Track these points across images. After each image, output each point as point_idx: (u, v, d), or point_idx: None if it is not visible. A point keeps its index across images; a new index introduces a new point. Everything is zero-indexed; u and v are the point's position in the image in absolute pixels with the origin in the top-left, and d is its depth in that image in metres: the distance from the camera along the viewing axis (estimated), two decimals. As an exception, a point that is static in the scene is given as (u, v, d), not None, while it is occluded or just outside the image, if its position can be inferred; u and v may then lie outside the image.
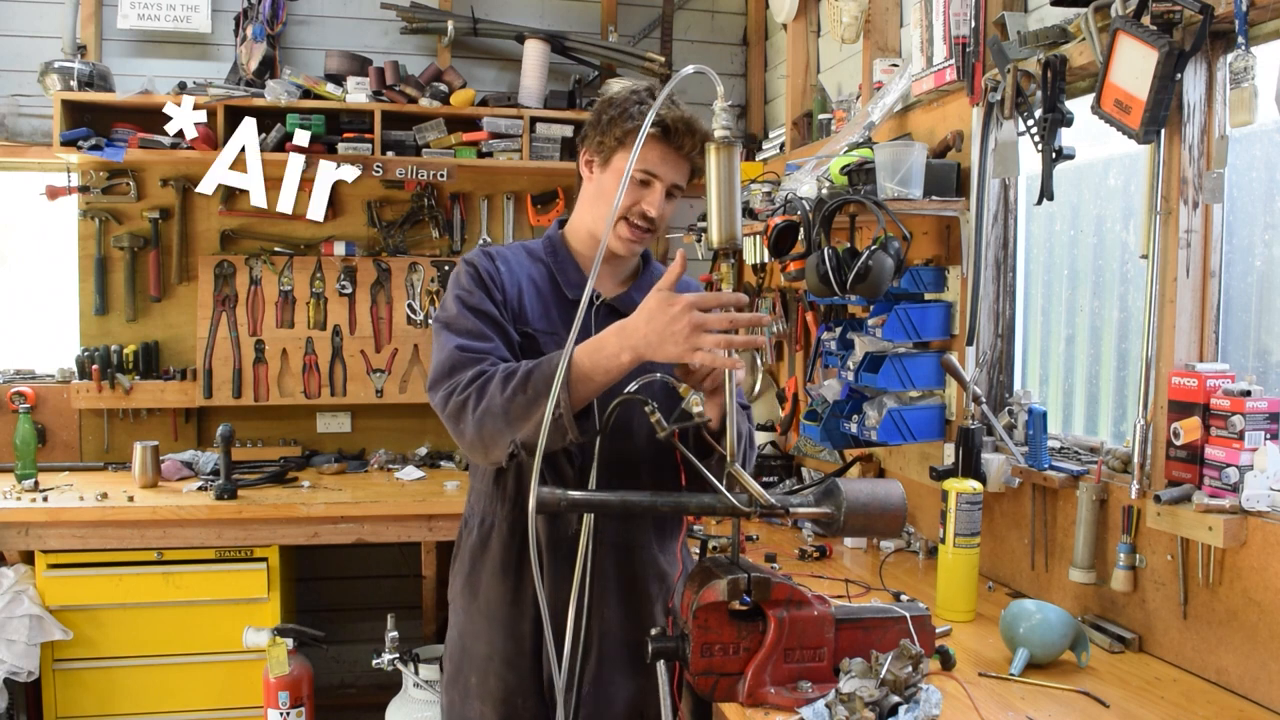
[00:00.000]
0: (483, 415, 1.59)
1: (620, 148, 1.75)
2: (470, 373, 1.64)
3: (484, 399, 1.59)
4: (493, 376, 1.61)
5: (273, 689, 3.03)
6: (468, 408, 1.61)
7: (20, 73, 3.56)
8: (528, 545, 1.76)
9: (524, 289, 1.80)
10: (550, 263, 1.85)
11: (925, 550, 2.59)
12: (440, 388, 1.67)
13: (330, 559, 3.85)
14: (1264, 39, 1.73)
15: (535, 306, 1.80)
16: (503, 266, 1.81)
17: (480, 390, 1.61)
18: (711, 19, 4.22)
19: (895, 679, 1.51)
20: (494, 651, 1.81)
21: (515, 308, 1.78)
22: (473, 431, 1.61)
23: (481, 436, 1.61)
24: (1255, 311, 1.84)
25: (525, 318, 1.78)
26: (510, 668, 1.80)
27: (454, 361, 1.66)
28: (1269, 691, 1.63)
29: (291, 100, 3.49)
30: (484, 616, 1.83)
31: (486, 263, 1.80)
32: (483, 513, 1.85)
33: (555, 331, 1.78)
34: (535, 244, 1.89)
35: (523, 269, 1.83)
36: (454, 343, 1.69)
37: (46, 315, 3.76)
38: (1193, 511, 1.69)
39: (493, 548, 1.82)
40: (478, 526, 1.85)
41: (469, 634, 1.86)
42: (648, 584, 1.84)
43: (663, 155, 1.72)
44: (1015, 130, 2.14)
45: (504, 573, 1.81)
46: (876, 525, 1.56)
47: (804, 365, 3.18)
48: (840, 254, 2.29)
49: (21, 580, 3.00)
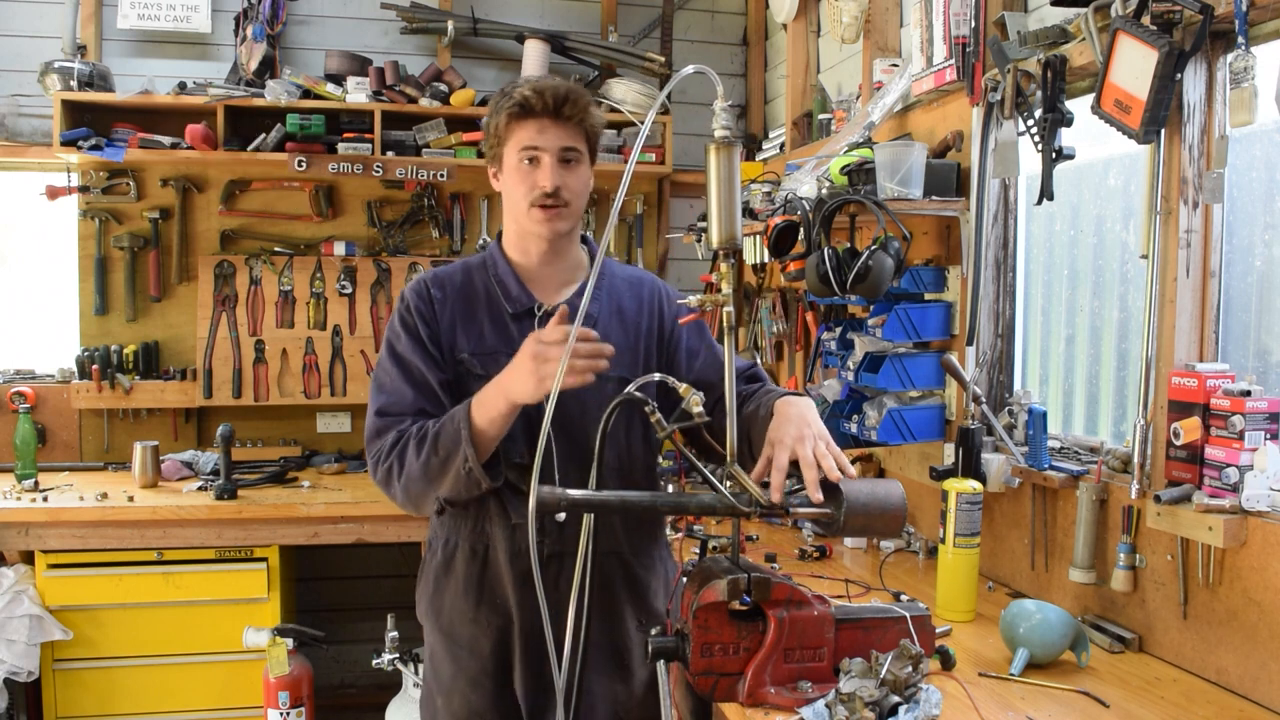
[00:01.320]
0: (406, 481, 1.71)
1: (501, 144, 1.77)
2: (390, 438, 1.74)
3: (404, 467, 1.71)
4: (409, 443, 1.71)
5: (273, 689, 3.03)
6: (393, 475, 1.72)
7: (20, 73, 3.56)
8: (488, 567, 1.80)
9: (459, 314, 1.82)
10: (490, 277, 1.85)
11: (925, 550, 2.59)
12: (370, 452, 1.77)
13: (330, 559, 3.84)
14: (1264, 39, 1.73)
15: (472, 330, 1.81)
16: (438, 293, 1.83)
17: (400, 457, 1.71)
18: (711, 19, 4.22)
19: (895, 679, 1.51)
20: (459, 671, 1.82)
21: (450, 337, 1.81)
22: (402, 496, 1.75)
23: (410, 498, 1.75)
24: (1255, 311, 1.84)
25: (460, 345, 1.80)
26: (475, 687, 1.81)
27: (375, 427, 1.76)
28: (1269, 691, 1.63)
29: (291, 100, 3.49)
30: (448, 637, 1.84)
31: (419, 295, 1.83)
32: (446, 534, 1.86)
33: (494, 351, 1.79)
34: (476, 259, 1.91)
35: (462, 290, 1.84)
36: (375, 406, 1.78)
37: (46, 315, 3.76)
38: (1193, 511, 1.69)
39: (456, 569, 1.83)
40: (441, 548, 1.86)
41: (436, 655, 1.87)
42: (618, 589, 1.84)
43: (537, 128, 1.72)
44: (1015, 130, 2.14)
45: (466, 593, 1.82)
46: (876, 525, 1.56)
47: (804, 365, 3.18)
48: (840, 254, 2.29)
49: (21, 580, 3.00)
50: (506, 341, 1.78)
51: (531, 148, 1.73)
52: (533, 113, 1.72)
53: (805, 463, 1.54)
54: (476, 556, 1.82)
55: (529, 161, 1.74)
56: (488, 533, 1.81)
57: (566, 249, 1.86)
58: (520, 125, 1.73)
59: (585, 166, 1.79)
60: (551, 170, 1.73)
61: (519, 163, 1.74)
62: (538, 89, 1.72)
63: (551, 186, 1.73)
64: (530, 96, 1.71)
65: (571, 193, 1.76)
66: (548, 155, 1.73)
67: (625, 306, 1.87)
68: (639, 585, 1.87)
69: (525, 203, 1.75)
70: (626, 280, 1.92)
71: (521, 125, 1.73)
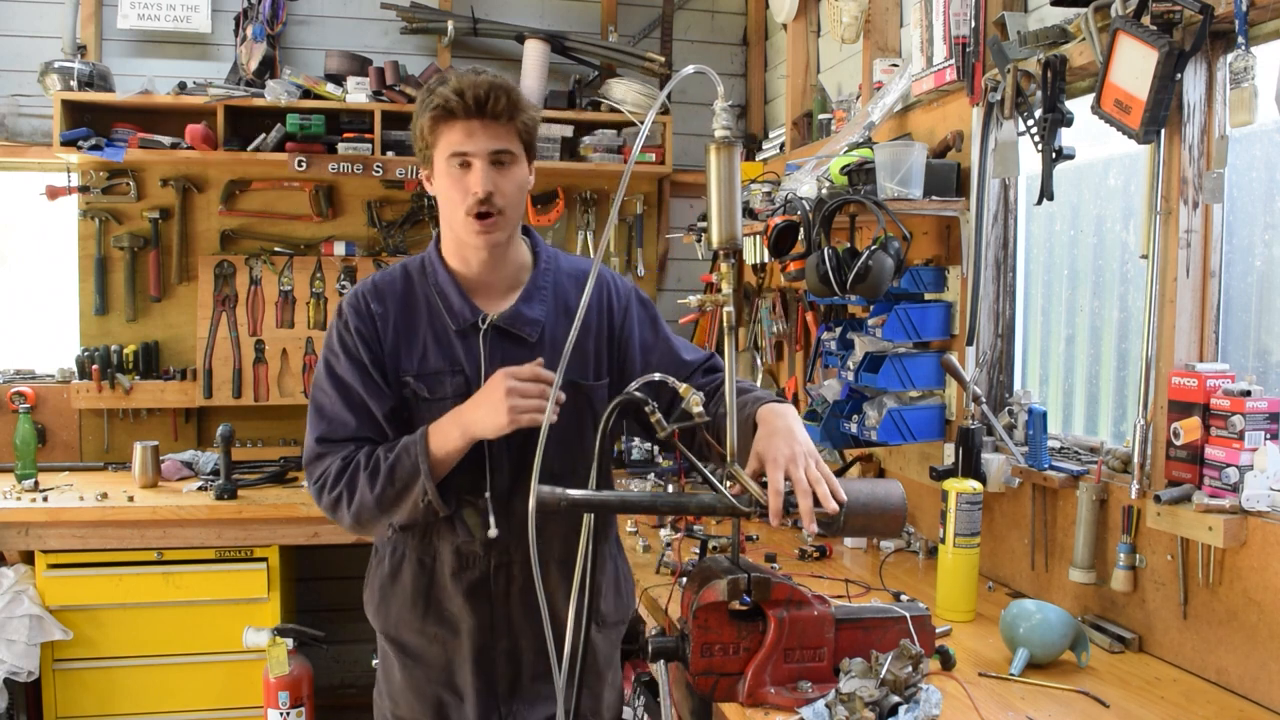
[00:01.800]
0: (358, 509, 1.69)
1: (430, 148, 1.67)
2: (335, 465, 1.70)
3: (355, 495, 1.68)
4: (359, 470, 1.68)
5: (273, 689, 3.03)
6: (342, 503, 1.70)
7: (20, 73, 3.56)
8: (435, 580, 1.78)
9: (402, 331, 1.74)
10: (430, 286, 1.76)
11: (925, 550, 2.59)
12: (312, 476, 1.74)
13: (330, 559, 3.84)
14: (1264, 39, 1.73)
15: (415, 348, 1.74)
16: (378, 308, 1.74)
17: (350, 485, 1.68)
18: (711, 19, 4.21)
19: (895, 679, 1.51)
20: (408, 678, 1.80)
21: (393, 358, 1.74)
22: (350, 522, 1.72)
23: (360, 524, 1.73)
24: (1255, 311, 1.84)
25: (403, 366, 1.74)
26: (420, 697, 1.79)
27: (316, 453, 1.73)
28: (1269, 691, 1.63)
29: (291, 100, 3.49)
30: (396, 645, 1.82)
31: (358, 312, 1.74)
32: (394, 544, 1.82)
33: (438, 371, 1.73)
34: (414, 263, 1.81)
35: (403, 301, 1.76)
36: (315, 433, 1.74)
37: (46, 315, 3.76)
38: (1193, 511, 1.69)
39: (403, 579, 1.80)
40: (389, 556, 1.83)
41: (386, 658, 1.85)
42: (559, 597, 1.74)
43: (465, 130, 1.62)
44: (1015, 130, 2.14)
45: (414, 604, 1.79)
46: (876, 525, 1.56)
47: (804, 365, 3.18)
48: (840, 254, 2.29)
49: (21, 580, 3.00)
50: (451, 361, 1.73)
51: (460, 153, 1.63)
52: (456, 114, 1.62)
53: (800, 490, 1.49)
54: (424, 569, 1.78)
55: (460, 166, 1.64)
56: (435, 546, 1.77)
57: (506, 254, 1.76)
58: (447, 128, 1.63)
59: (521, 167, 1.69)
60: (483, 174, 1.63)
61: (449, 168, 1.65)
62: (459, 88, 1.61)
63: (484, 191, 1.63)
64: (451, 97, 1.61)
65: (505, 198, 1.66)
66: (479, 160, 1.63)
67: (572, 305, 1.77)
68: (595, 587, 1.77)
69: (460, 211, 1.66)
70: (573, 276, 1.83)
71: (448, 128, 1.63)
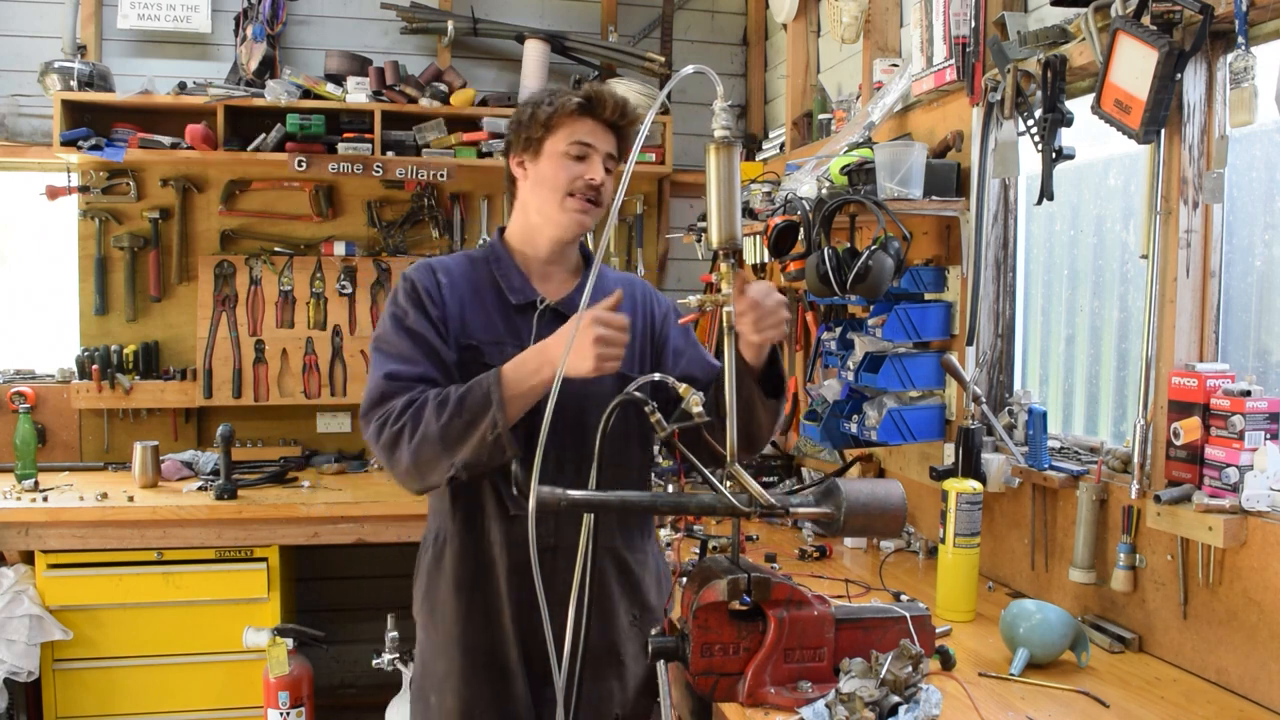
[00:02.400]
0: (419, 443, 1.64)
1: (549, 133, 1.78)
2: (401, 401, 1.68)
3: (419, 426, 1.64)
4: (425, 404, 1.65)
5: (273, 689, 3.03)
6: (403, 436, 1.65)
7: (20, 73, 3.56)
8: (481, 563, 1.79)
9: (466, 300, 1.81)
10: (493, 268, 1.85)
11: (925, 550, 2.59)
12: (373, 418, 1.70)
13: (330, 559, 3.84)
14: (1264, 39, 1.73)
15: (478, 317, 1.80)
16: (444, 279, 1.81)
17: (415, 418, 1.65)
18: (711, 19, 4.22)
19: (895, 679, 1.51)
20: (451, 669, 1.81)
21: (458, 321, 1.79)
22: (409, 460, 1.65)
23: (418, 464, 1.65)
24: (1255, 311, 1.84)
25: (468, 330, 1.79)
26: (467, 685, 1.80)
27: (383, 390, 1.70)
28: (1269, 691, 1.63)
29: (291, 100, 3.49)
30: (441, 633, 1.83)
31: (426, 278, 1.80)
32: (438, 529, 1.85)
33: (500, 340, 1.79)
34: (478, 251, 1.91)
35: (465, 279, 1.83)
36: (383, 370, 1.72)
37: (46, 315, 3.75)
38: (1193, 511, 1.69)
39: (446, 564, 1.82)
40: (433, 543, 1.86)
41: (427, 651, 1.86)
42: (612, 585, 1.84)
43: (591, 127, 1.78)
44: (1015, 130, 2.14)
45: (458, 590, 1.80)
46: (876, 525, 1.56)
47: (804, 365, 3.18)
48: (840, 254, 2.29)
49: (21, 580, 3.00)
50: (513, 334, 1.79)
51: (585, 143, 1.77)
52: (594, 113, 1.78)
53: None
54: (468, 552, 1.81)
55: (577, 157, 1.77)
56: (480, 526, 1.80)
57: (573, 249, 1.89)
58: (578, 120, 1.77)
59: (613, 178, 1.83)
60: (599, 166, 1.79)
61: (565, 153, 1.77)
62: (604, 94, 1.79)
63: (600, 179, 1.78)
64: (601, 96, 1.78)
65: (606, 194, 1.81)
66: (597, 155, 1.79)
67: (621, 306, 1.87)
68: (633, 580, 1.87)
69: (562, 191, 1.77)
70: (618, 282, 1.94)
71: (579, 121, 1.77)
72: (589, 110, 1.78)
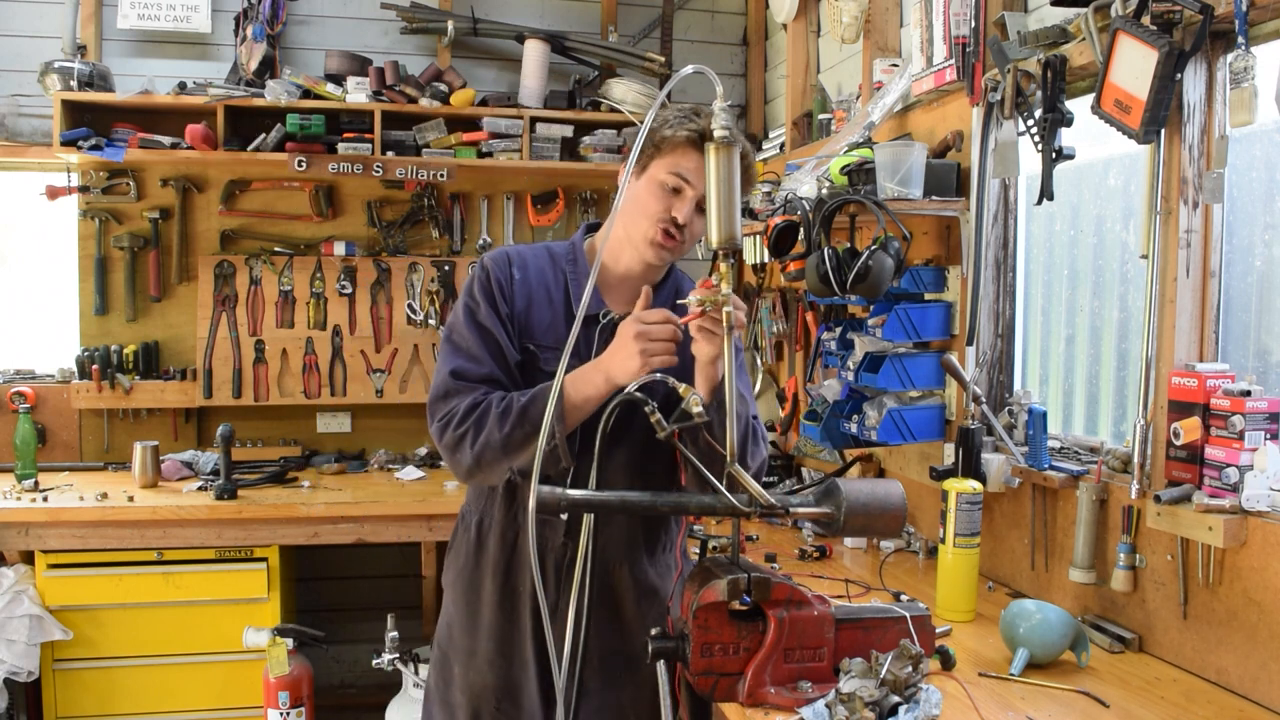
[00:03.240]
0: (482, 449, 1.67)
1: (657, 155, 1.73)
2: (465, 403, 1.70)
3: (482, 433, 1.67)
4: (489, 410, 1.68)
5: (273, 689, 3.03)
6: (466, 441, 1.68)
7: (20, 73, 3.56)
8: (517, 554, 1.81)
9: (535, 299, 1.80)
10: (569, 272, 1.83)
11: (925, 550, 2.59)
12: (437, 415, 1.73)
13: (330, 559, 3.84)
14: (1264, 39, 1.73)
15: (544, 319, 1.80)
16: (518, 274, 1.81)
17: (478, 424, 1.68)
18: (711, 19, 4.21)
19: (895, 679, 1.51)
20: (477, 648, 1.84)
21: (523, 320, 1.79)
22: (471, 463, 1.69)
23: (480, 466, 1.70)
24: (1255, 311, 1.84)
25: (531, 332, 1.79)
26: (492, 668, 1.82)
27: (448, 388, 1.73)
28: (1269, 691, 1.63)
29: (291, 100, 3.48)
30: (473, 613, 1.86)
31: (501, 269, 1.80)
32: (481, 512, 1.87)
33: (557, 346, 1.76)
34: (560, 247, 1.88)
35: (540, 276, 1.82)
36: (450, 365, 1.74)
37: (46, 315, 3.75)
38: (1193, 511, 1.69)
39: (489, 549, 1.84)
40: (475, 525, 1.87)
41: (457, 625, 1.89)
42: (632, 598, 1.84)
43: (698, 165, 1.69)
44: (1015, 130, 2.14)
45: (496, 574, 1.83)
46: (876, 525, 1.56)
47: (804, 365, 3.17)
48: (840, 254, 2.29)
49: (21, 580, 3.00)
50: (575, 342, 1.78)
51: (683, 177, 1.71)
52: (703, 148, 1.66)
53: None
54: (506, 542, 1.83)
55: (673, 189, 1.72)
56: (519, 521, 1.82)
57: (656, 271, 1.84)
58: (685, 150, 1.70)
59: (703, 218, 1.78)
60: (690, 207, 1.71)
61: (663, 182, 1.72)
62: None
63: (684, 220, 1.72)
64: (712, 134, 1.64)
65: (693, 234, 1.76)
66: (692, 193, 1.71)
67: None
68: (655, 594, 1.86)
69: (650, 221, 1.72)
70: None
71: (686, 153, 1.70)
72: (698, 144, 1.69)
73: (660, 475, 1.83)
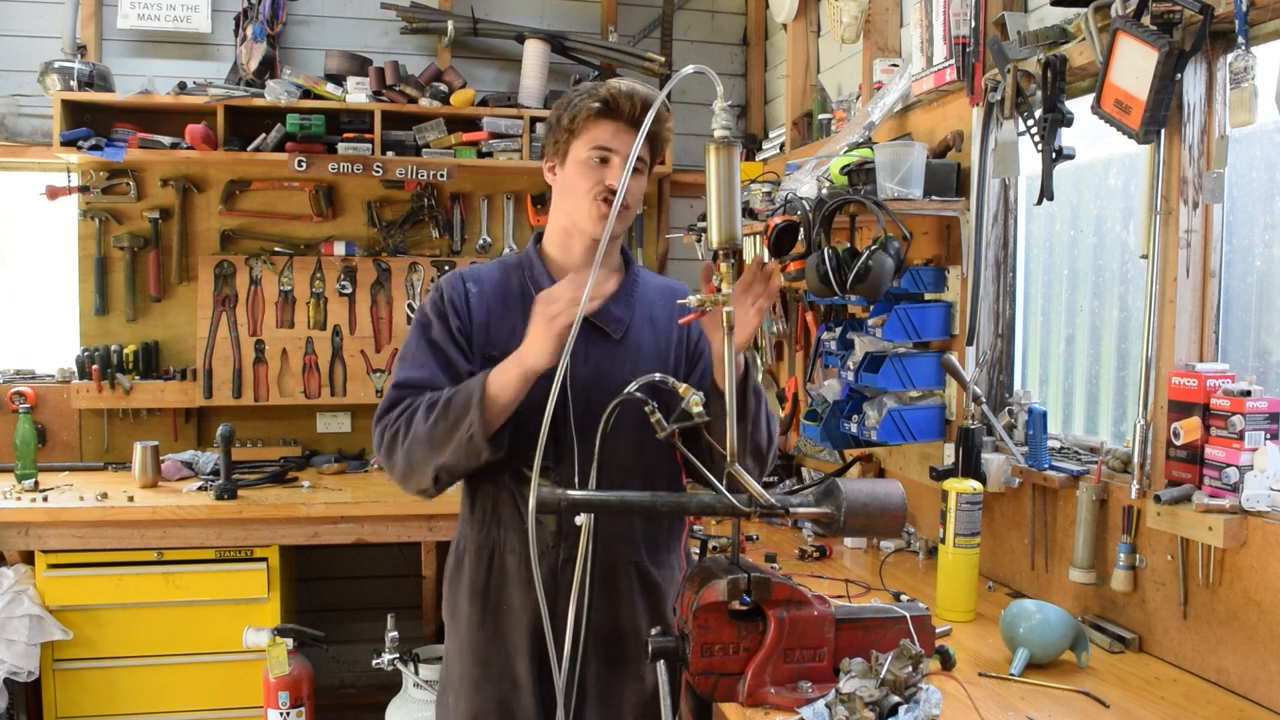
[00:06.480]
0: (410, 444, 1.69)
1: (573, 137, 1.76)
2: (400, 407, 1.73)
3: (411, 428, 1.69)
4: (418, 407, 1.70)
5: (273, 689, 3.03)
6: (398, 439, 1.71)
7: (20, 73, 3.56)
8: (494, 571, 1.80)
9: (494, 310, 1.82)
10: (526, 277, 1.84)
11: (925, 550, 2.59)
12: (378, 426, 1.76)
13: (330, 559, 3.84)
14: (1264, 39, 1.73)
15: (506, 327, 1.80)
16: (474, 288, 1.83)
17: (408, 421, 1.70)
18: (711, 19, 4.22)
19: (895, 679, 1.51)
20: (465, 674, 1.83)
21: (483, 332, 1.80)
22: (402, 461, 1.71)
23: (410, 464, 1.71)
24: (1255, 311, 1.84)
25: (492, 340, 1.80)
26: (478, 691, 1.81)
27: (390, 400, 1.77)
28: (1269, 691, 1.63)
29: (291, 100, 3.48)
30: (459, 639, 1.85)
31: (455, 287, 1.82)
32: (460, 537, 1.88)
33: None
34: (514, 258, 1.91)
35: (498, 289, 1.84)
36: (396, 378, 1.78)
37: (46, 315, 3.75)
38: (1193, 511, 1.69)
39: (465, 572, 1.84)
40: (454, 550, 1.88)
41: (450, 654, 1.89)
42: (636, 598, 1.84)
43: (614, 130, 1.73)
44: (1015, 130, 2.14)
45: (475, 596, 1.82)
46: (876, 525, 1.56)
47: (804, 365, 3.17)
48: (840, 254, 2.29)
49: (21, 580, 3.00)
50: None
51: (605, 148, 1.73)
52: (614, 115, 1.74)
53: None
54: (482, 560, 1.82)
55: (599, 160, 1.74)
56: (495, 536, 1.81)
57: (612, 251, 1.85)
58: (597, 124, 1.73)
59: (645, 176, 1.80)
60: (619, 170, 1.72)
61: (587, 159, 1.74)
62: (626, 93, 1.74)
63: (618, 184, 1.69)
64: (619, 98, 1.73)
65: (633, 197, 1.75)
66: (618, 158, 1.73)
67: (657, 315, 1.88)
68: (658, 593, 1.86)
69: (587, 198, 1.74)
70: (659, 289, 1.93)
71: (599, 124, 1.73)
72: (608, 113, 1.73)
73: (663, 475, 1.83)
